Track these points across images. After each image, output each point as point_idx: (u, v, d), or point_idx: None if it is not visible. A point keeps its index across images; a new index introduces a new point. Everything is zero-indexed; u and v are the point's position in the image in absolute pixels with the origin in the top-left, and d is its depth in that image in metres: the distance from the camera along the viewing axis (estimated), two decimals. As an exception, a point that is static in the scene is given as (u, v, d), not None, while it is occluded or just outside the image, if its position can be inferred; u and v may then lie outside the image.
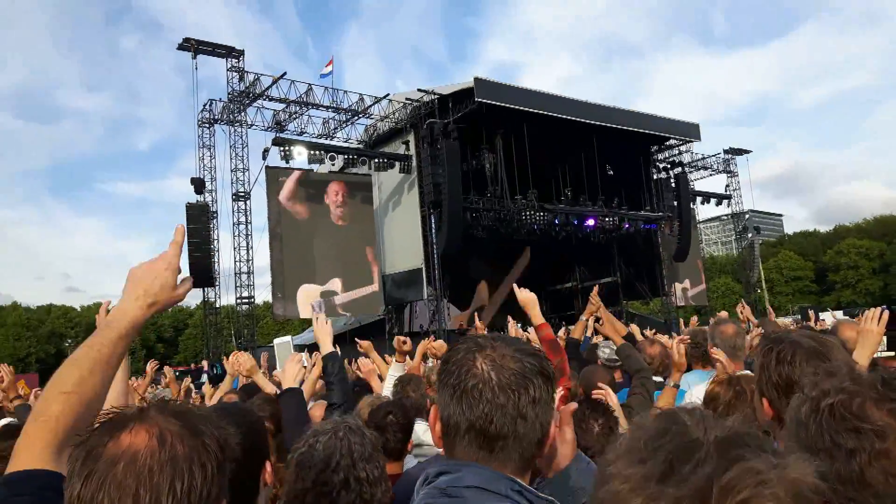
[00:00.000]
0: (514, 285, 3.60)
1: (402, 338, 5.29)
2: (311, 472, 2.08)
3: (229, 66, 27.17)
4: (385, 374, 5.11)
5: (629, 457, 0.73)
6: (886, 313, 3.02)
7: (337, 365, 3.53)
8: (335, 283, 28.02)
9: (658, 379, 4.81)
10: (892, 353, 3.73)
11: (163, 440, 1.05)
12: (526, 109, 27.79)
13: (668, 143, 36.59)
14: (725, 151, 41.17)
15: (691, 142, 36.51)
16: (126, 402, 1.70)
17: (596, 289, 5.80)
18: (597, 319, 6.03)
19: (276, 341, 3.80)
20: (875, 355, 3.47)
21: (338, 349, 3.70)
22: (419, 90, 28.24)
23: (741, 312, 7.55)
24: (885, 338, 3.30)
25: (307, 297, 27.07)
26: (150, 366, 7.37)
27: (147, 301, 1.59)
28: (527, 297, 3.34)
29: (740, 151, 41.64)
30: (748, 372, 3.16)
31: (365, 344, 5.88)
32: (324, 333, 3.61)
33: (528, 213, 29.50)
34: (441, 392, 1.36)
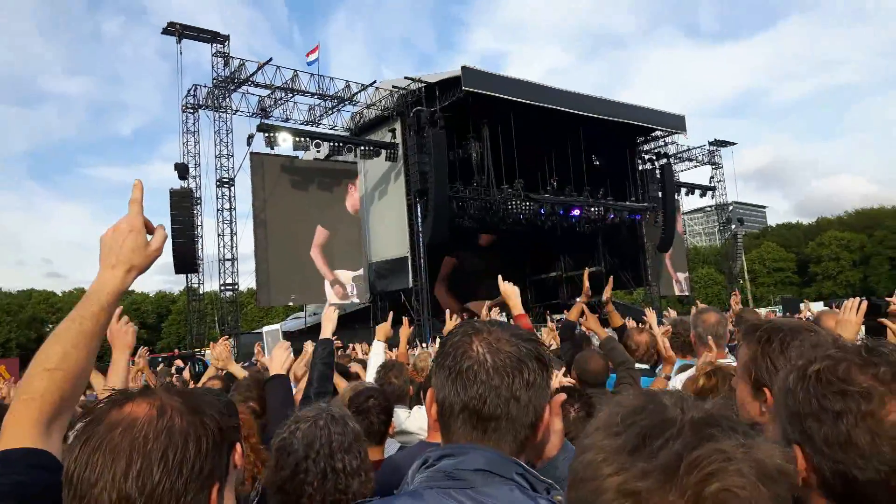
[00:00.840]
0: (500, 277, 3.66)
1: (387, 325, 5.29)
2: (291, 458, 2.09)
3: (214, 51, 26.89)
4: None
5: (606, 430, 0.76)
6: (865, 303, 3.06)
7: (326, 350, 3.58)
8: (321, 271, 27.96)
9: (643, 366, 4.86)
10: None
11: (162, 411, 1.08)
12: (513, 99, 27.76)
13: (653, 134, 36.77)
14: (710, 143, 41.41)
15: (677, 133, 36.69)
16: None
17: (587, 271, 5.83)
18: (599, 308, 6.09)
19: (265, 329, 3.83)
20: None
21: (332, 339, 3.74)
22: (406, 78, 28.12)
23: (735, 303, 7.58)
24: (862, 327, 3.36)
25: (290, 286, 27.02)
26: (142, 354, 7.30)
27: (123, 268, 1.54)
28: (509, 289, 3.46)
29: (725, 143, 41.90)
30: (731, 361, 3.19)
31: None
32: (327, 320, 3.74)
33: (514, 202, 29.54)
34: (437, 374, 1.38)
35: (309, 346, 5.59)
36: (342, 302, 28.38)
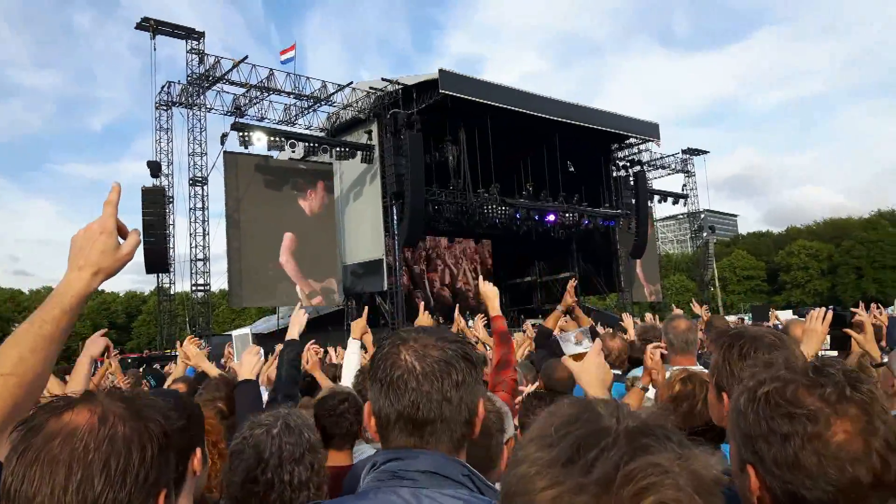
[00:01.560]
0: (480, 277, 3.68)
1: (362, 322, 5.19)
2: (242, 465, 2.07)
3: (189, 47, 26.61)
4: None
5: (539, 441, 0.74)
6: (830, 313, 3.10)
7: (293, 352, 3.55)
8: (294, 273, 27.74)
9: (616, 371, 4.86)
10: (835, 353, 3.84)
11: (104, 419, 1.04)
12: (490, 103, 27.83)
13: (627, 141, 37.13)
14: (683, 151, 41.93)
15: (650, 141, 37.07)
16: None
17: (573, 282, 5.88)
18: (567, 313, 6.09)
19: (235, 333, 3.78)
20: (820, 353, 3.58)
21: (299, 341, 3.71)
22: (383, 79, 28.05)
23: (698, 309, 7.66)
24: (828, 336, 3.40)
25: (263, 287, 26.78)
26: (110, 355, 7.15)
27: (90, 270, 1.48)
28: (488, 290, 3.51)
29: (698, 152, 42.44)
30: (700, 368, 3.21)
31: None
32: (295, 323, 3.71)
33: (490, 206, 29.61)
34: (371, 387, 1.42)
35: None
36: (315, 305, 28.19)
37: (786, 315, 16.08)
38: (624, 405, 0.78)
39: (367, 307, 5.82)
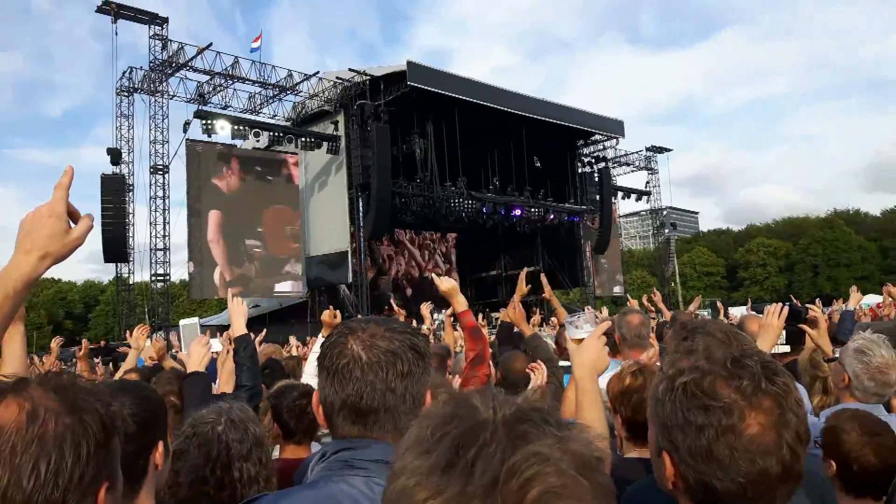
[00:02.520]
0: (434, 275, 3.61)
1: (333, 311, 5.11)
2: (188, 465, 2.02)
3: (152, 33, 25.98)
4: None
5: (416, 448, 0.71)
6: (786, 309, 3.17)
7: (250, 348, 3.45)
8: (254, 264, 27.43)
9: (566, 363, 4.90)
10: (788, 348, 3.93)
11: (33, 417, 0.97)
12: (458, 97, 27.81)
13: (593, 138, 37.46)
14: (647, 149, 42.46)
15: (615, 138, 37.47)
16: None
17: (524, 271, 5.86)
18: (528, 307, 6.12)
19: (182, 322, 3.67)
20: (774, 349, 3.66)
21: (250, 334, 3.61)
22: (350, 70, 27.79)
23: (653, 298, 7.78)
24: (784, 332, 3.48)
25: (223, 277, 26.41)
26: (55, 342, 7.03)
27: (37, 254, 1.41)
28: (448, 287, 3.34)
29: (661, 149, 43.03)
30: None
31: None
32: (238, 314, 3.53)
33: (456, 200, 29.60)
34: (319, 375, 1.43)
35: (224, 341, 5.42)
36: (286, 292, 27.86)
37: (738, 311, 16.50)
38: (498, 392, 0.76)
39: (331, 306, 5.72)
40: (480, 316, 14.61)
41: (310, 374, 4.49)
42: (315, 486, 1.32)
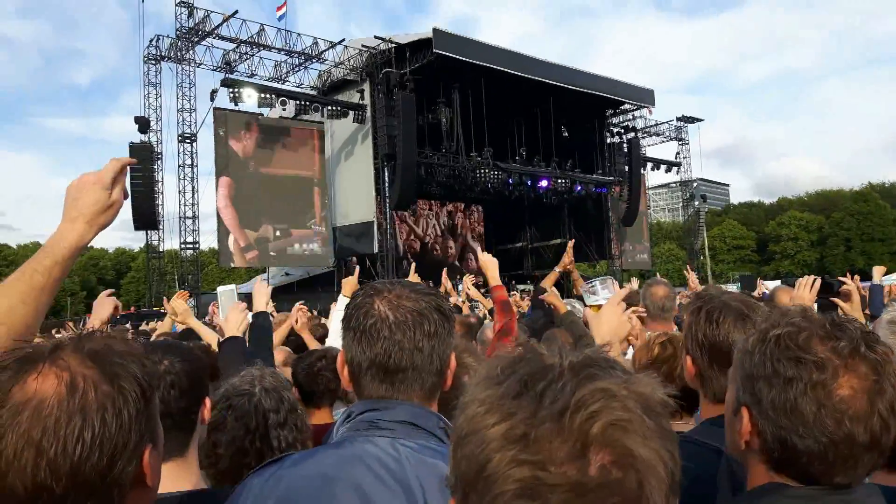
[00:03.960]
0: (478, 248, 3.63)
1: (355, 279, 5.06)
2: (226, 437, 2.03)
3: (178, 0, 26.00)
4: None
5: (485, 382, 0.74)
6: (819, 281, 3.07)
7: (266, 323, 3.53)
8: (282, 232, 27.60)
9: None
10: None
11: (73, 387, 0.97)
12: (484, 65, 27.43)
13: (622, 107, 36.82)
14: (678, 119, 41.64)
15: (645, 107, 36.78)
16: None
17: (571, 243, 5.90)
18: (565, 276, 6.11)
19: (220, 289, 3.78)
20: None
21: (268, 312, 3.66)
22: (376, 37, 27.57)
23: (692, 280, 7.62)
24: (815, 305, 3.38)
25: (238, 243, 26.52)
26: (117, 312, 7.12)
27: (83, 221, 1.46)
28: (486, 260, 3.58)
29: (692, 119, 42.17)
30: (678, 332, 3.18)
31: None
32: (260, 294, 3.67)
33: (482, 170, 29.41)
34: (345, 336, 1.44)
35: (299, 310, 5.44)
36: (249, 260, 27.63)
37: (772, 284, 16.18)
38: (565, 346, 0.79)
39: (357, 268, 5.72)
40: (521, 287, 14.73)
41: (333, 337, 4.51)
42: (340, 446, 1.33)
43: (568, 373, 0.71)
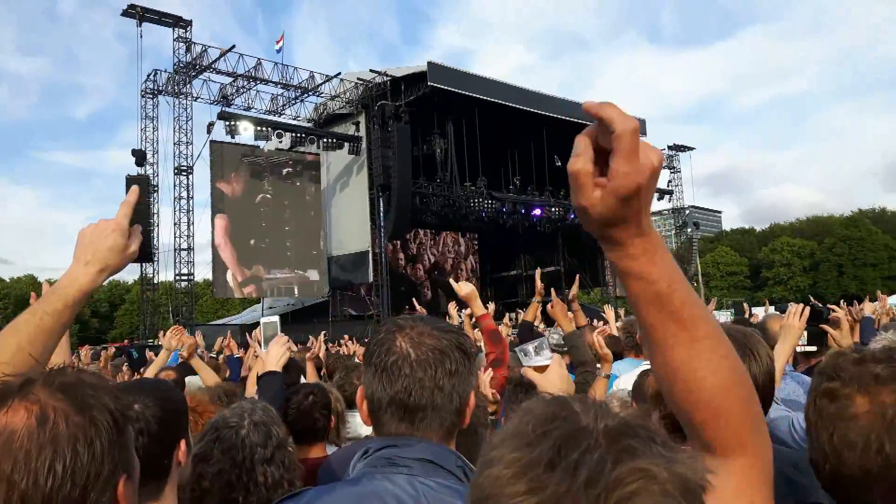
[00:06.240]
0: (452, 280, 3.65)
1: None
2: (212, 469, 2.00)
3: (176, 35, 26.37)
4: None
5: (515, 441, 0.69)
6: (808, 309, 3.17)
7: (278, 384, 3.39)
8: (277, 263, 27.64)
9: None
10: (814, 348, 3.91)
11: (43, 419, 0.96)
12: (478, 97, 27.81)
13: (615, 136, 37.16)
14: (670, 147, 42.11)
15: (637, 137, 37.13)
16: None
17: (539, 272, 5.82)
18: (546, 303, 6.12)
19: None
20: (798, 348, 3.65)
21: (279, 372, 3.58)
22: (371, 71, 27.95)
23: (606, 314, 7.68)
24: (805, 332, 3.48)
25: (235, 278, 26.61)
26: (86, 350, 7.15)
27: (97, 266, 1.48)
28: (467, 291, 3.45)
29: (684, 148, 42.67)
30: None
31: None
32: (277, 351, 3.39)
33: (476, 199, 29.63)
34: (366, 372, 1.44)
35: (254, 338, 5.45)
36: (246, 294, 27.85)
37: (761, 311, 16.27)
38: (600, 402, 0.75)
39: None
40: (507, 316, 14.61)
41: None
42: (358, 483, 1.31)
43: (604, 440, 0.66)
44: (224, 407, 2.90)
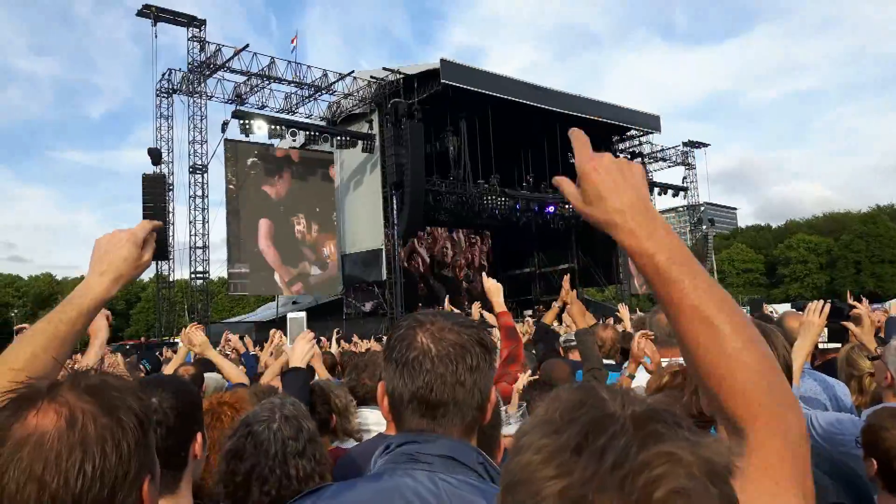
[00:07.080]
0: (483, 274, 3.68)
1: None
2: (245, 465, 2.02)
3: (190, 35, 26.52)
4: None
5: (543, 427, 0.71)
6: (828, 306, 3.13)
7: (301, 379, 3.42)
8: (292, 261, 27.76)
9: (610, 361, 4.90)
10: (838, 345, 3.86)
11: (72, 421, 0.99)
12: (491, 94, 27.77)
13: (628, 133, 37.06)
14: (684, 144, 41.83)
15: (651, 133, 37.01)
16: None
17: (567, 276, 5.86)
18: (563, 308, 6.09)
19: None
20: (819, 345, 3.61)
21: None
22: (384, 69, 27.97)
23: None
24: (826, 329, 3.43)
25: (264, 274, 26.84)
26: (108, 321, 7.12)
27: (111, 276, 1.51)
28: (492, 286, 3.56)
29: (698, 144, 42.36)
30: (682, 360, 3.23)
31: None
32: (303, 347, 3.44)
33: (489, 197, 29.61)
34: (386, 367, 1.43)
35: (275, 334, 5.49)
36: (294, 293, 28.44)
37: (781, 308, 16.11)
38: (627, 391, 0.76)
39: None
40: (529, 312, 14.68)
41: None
42: (379, 479, 1.32)
43: (631, 426, 0.67)
44: None
